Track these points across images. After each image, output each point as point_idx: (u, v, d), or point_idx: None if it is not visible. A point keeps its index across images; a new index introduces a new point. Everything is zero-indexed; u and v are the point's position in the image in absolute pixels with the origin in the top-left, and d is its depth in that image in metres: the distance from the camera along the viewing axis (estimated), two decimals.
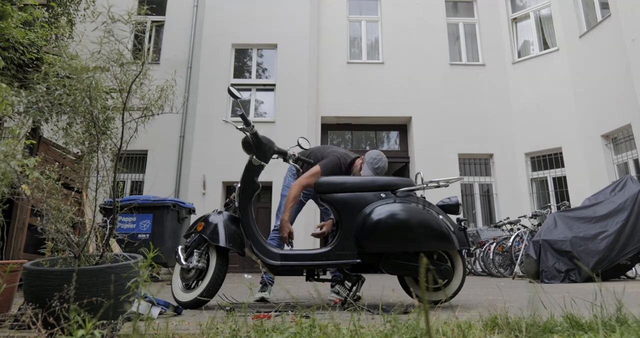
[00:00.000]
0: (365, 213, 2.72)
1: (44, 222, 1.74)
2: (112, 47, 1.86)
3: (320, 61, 10.84)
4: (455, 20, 11.49)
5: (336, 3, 11.40)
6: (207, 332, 1.54)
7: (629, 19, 7.90)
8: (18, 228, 4.00)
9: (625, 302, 2.70)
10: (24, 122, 3.95)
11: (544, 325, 1.50)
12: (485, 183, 10.45)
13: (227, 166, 9.64)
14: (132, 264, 1.64)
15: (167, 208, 6.12)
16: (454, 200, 2.94)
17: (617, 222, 5.58)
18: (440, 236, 2.65)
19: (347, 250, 2.73)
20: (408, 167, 10.78)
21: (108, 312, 1.49)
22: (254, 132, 2.91)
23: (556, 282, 5.41)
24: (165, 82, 1.99)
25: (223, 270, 2.81)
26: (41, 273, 1.53)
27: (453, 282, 2.80)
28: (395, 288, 4.37)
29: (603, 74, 8.73)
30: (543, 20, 10.76)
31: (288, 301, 3.17)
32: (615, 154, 8.64)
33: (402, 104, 10.59)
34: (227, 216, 2.91)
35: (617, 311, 1.57)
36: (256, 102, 10.73)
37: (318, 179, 2.88)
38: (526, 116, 10.32)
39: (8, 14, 3.94)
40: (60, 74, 1.97)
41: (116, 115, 1.96)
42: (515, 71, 10.75)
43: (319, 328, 1.42)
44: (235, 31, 10.81)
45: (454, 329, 1.43)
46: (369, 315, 2.29)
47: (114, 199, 1.82)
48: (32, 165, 2.26)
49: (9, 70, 4.14)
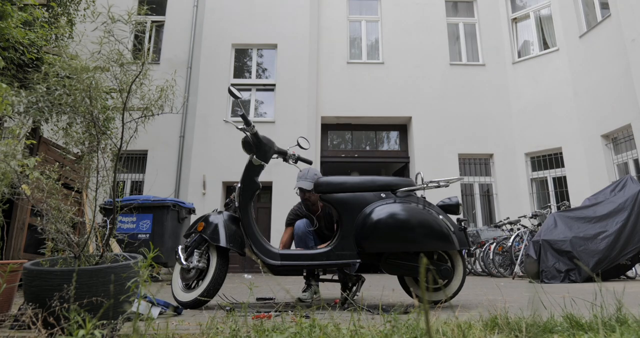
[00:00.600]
0: (365, 213, 2.72)
1: (44, 222, 1.74)
2: (112, 47, 1.86)
3: (320, 61, 10.84)
4: (455, 20, 11.49)
5: (336, 3, 11.40)
6: (207, 332, 1.54)
7: (629, 19, 7.90)
8: (18, 228, 4.00)
9: (625, 302, 2.70)
10: (24, 122, 3.95)
11: (544, 325, 1.50)
12: (485, 183, 10.45)
13: (227, 166, 9.64)
14: (132, 264, 1.64)
15: (167, 208, 6.12)
16: (454, 200, 2.94)
17: (617, 222, 5.58)
18: (440, 236, 2.65)
19: (347, 250, 2.73)
20: (408, 167, 10.78)
21: (108, 312, 1.49)
22: (254, 132, 2.92)
23: (556, 282, 5.41)
24: (165, 82, 1.99)
25: (223, 270, 2.81)
26: (41, 273, 1.53)
27: (453, 282, 2.80)
28: (395, 288, 4.37)
29: (603, 74, 8.73)
30: (543, 20, 10.76)
31: (288, 301, 3.17)
32: (615, 153, 8.64)
33: (402, 104, 10.59)
34: (227, 216, 2.91)
35: (617, 311, 1.57)
36: (256, 102, 10.73)
37: (318, 179, 2.88)
38: (526, 116, 10.32)
39: (8, 14, 3.94)
40: (60, 74, 1.97)
41: (116, 115, 1.96)
42: (515, 71, 10.74)
43: (319, 328, 1.42)
44: (235, 31, 10.81)
45: (454, 329, 1.43)
46: (369, 315, 2.29)
47: (114, 199, 1.82)
48: (32, 165, 2.26)
49: (9, 70, 4.14)
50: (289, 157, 3.16)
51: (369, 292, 4.07)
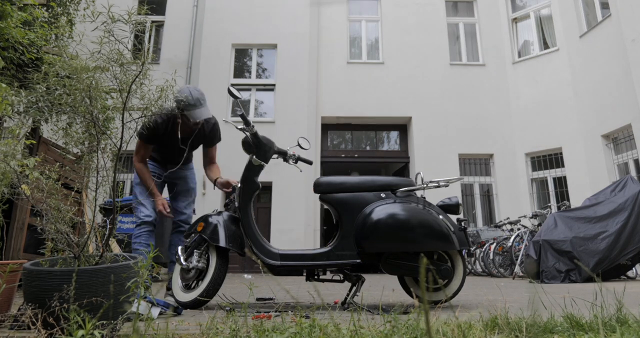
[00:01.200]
0: (365, 213, 2.72)
1: (44, 222, 1.73)
2: (112, 47, 1.85)
3: (320, 61, 10.84)
4: (455, 20, 11.49)
5: (336, 3, 11.40)
6: (207, 332, 1.54)
7: (629, 19, 7.90)
8: (18, 228, 4.00)
9: (625, 302, 2.70)
10: (24, 122, 3.95)
11: (544, 325, 1.50)
12: (485, 183, 10.45)
13: (227, 166, 9.62)
14: (132, 264, 1.64)
15: None
16: (454, 200, 2.94)
17: (617, 222, 5.58)
18: (440, 236, 2.64)
19: (347, 250, 2.73)
20: (408, 167, 10.78)
21: (108, 312, 1.49)
22: (254, 132, 2.91)
23: (556, 282, 5.41)
24: (165, 82, 1.99)
25: (223, 270, 2.81)
26: (41, 273, 1.53)
27: (453, 282, 2.79)
28: (395, 288, 4.37)
29: (603, 74, 8.73)
30: (543, 20, 10.76)
31: (288, 301, 3.17)
32: (616, 154, 8.64)
33: (402, 104, 10.59)
34: (227, 216, 2.91)
35: (617, 311, 1.57)
36: (256, 102, 10.73)
37: (318, 179, 2.88)
38: (526, 116, 10.32)
39: (8, 14, 3.94)
40: (60, 74, 1.96)
41: (116, 115, 1.96)
42: (515, 71, 10.74)
43: (319, 328, 1.42)
44: (235, 31, 10.81)
45: (454, 329, 1.43)
46: (369, 315, 2.29)
47: (113, 199, 1.82)
48: (32, 165, 2.26)
49: (9, 70, 4.13)
50: (289, 157, 3.16)
51: (369, 292, 4.07)
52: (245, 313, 1.64)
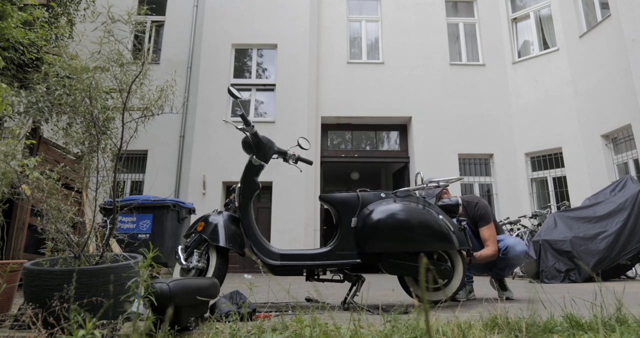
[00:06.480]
0: (365, 213, 2.72)
1: (44, 222, 1.74)
2: (112, 47, 1.86)
3: (320, 61, 10.84)
4: (455, 20, 11.49)
5: (336, 3, 11.40)
6: (207, 332, 1.54)
7: (629, 19, 7.90)
8: (18, 228, 4.00)
9: (625, 302, 2.70)
10: (24, 122, 3.95)
11: (544, 325, 1.50)
12: (485, 183, 10.45)
13: (227, 166, 9.64)
14: (132, 264, 1.64)
15: (167, 208, 6.11)
16: (454, 200, 2.94)
17: (617, 222, 5.58)
18: (440, 236, 2.65)
19: (347, 250, 2.73)
20: (408, 167, 10.78)
21: (108, 312, 1.49)
22: (254, 132, 2.92)
23: (556, 282, 5.41)
24: (165, 82, 1.99)
25: (223, 270, 2.81)
26: (41, 273, 1.53)
27: (453, 282, 2.80)
28: (395, 288, 4.37)
29: (603, 74, 8.73)
30: (543, 20, 10.76)
31: (288, 301, 3.16)
32: (615, 153, 8.64)
33: (402, 104, 10.59)
34: (227, 216, 2.91)
35: (617, 311, 1.57)
36: (256, 102, 10.73)
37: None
38: (526, 116, 10.32)
39: (8, 14, 3.94)
40: (60, 74, 1.97)
41: (116, 115, 1.96)
42: (515, 71, 10.74)
43: (319, 328, 1.42)
44: (235, 31, 10.81)
45: (454, 329, 1.43)
46: (369, 315, 2.29)
47: (114, 199, 1.82)
48: (32, 165, 2.26)
49: (9, 70, 4.14)
50: (289, 157, 3.16)
51: (369, 292, 4.07)
52: (246, 313, 1.64)
